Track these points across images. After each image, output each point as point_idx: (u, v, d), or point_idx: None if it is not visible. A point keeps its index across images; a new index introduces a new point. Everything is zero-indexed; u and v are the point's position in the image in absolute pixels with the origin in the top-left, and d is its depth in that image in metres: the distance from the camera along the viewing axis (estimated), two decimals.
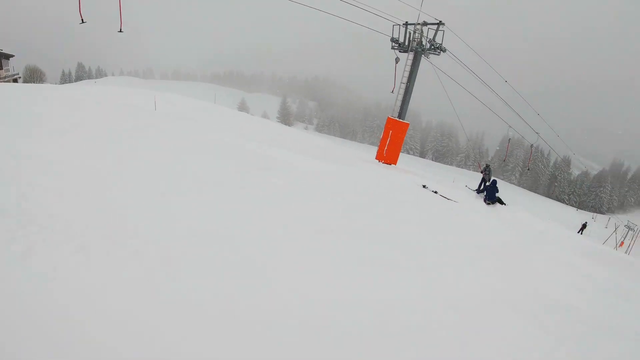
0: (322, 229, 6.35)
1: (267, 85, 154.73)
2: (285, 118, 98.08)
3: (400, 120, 20.54)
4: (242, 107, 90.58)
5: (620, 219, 59.63)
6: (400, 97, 20.78)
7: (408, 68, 20.52)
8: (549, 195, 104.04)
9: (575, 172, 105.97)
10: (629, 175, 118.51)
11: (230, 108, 41.26)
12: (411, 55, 20.19)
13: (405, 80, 20.71)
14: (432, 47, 19.72)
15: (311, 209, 7.22)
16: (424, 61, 19.92)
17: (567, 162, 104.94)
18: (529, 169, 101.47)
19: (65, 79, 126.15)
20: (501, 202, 17.04)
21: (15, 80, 36.60)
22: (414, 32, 19.70)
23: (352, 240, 6.23)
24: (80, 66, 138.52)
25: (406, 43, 19.95)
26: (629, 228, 43.07)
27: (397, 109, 20.92)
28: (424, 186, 13.74)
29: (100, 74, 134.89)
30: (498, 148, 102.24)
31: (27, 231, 4.05)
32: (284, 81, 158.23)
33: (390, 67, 19.04)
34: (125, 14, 13.26)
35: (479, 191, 18.65)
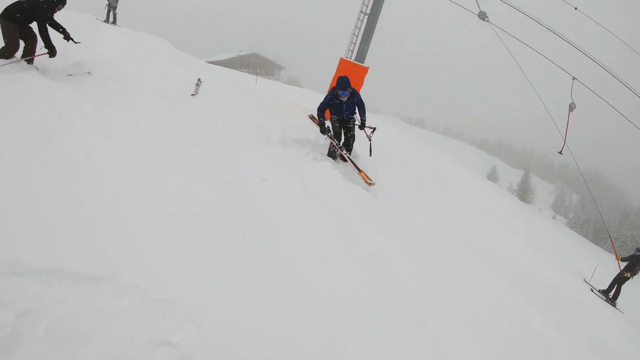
0: None
1: (537, 166, 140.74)
2: (524, 194, 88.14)
3: (358, 63, 15.06)
4: (492, 176, 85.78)
5: None
6: (360, 34, 15.41)
7: None
8: None
9: None
10: None
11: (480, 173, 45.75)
12: None
13: (367, 10, 15.38)
14: None
15: None
16: None
17: None
18: None
19: None
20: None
21: None
22: None
23: None
24: None
25: None
26: None
27: (355, 48, 15.46)
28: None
29: None
30: None
31: None
32: (553, 167, 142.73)
33: None
34: None
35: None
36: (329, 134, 8.21)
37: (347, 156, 8.08)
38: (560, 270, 11.35)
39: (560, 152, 12.94)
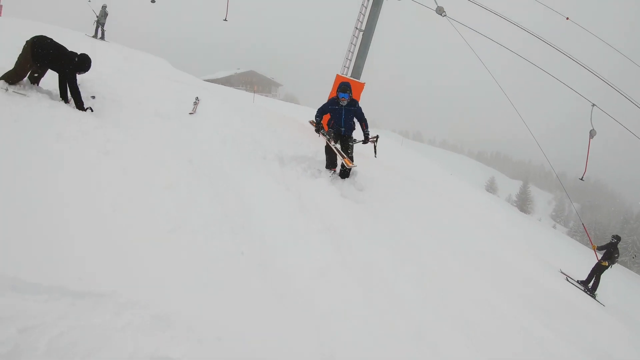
0: None
1: (536, 176, 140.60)
2: (523, 204, 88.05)
3: (354, 79, 15.17)
4: (491, 187, 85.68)
5: None
6: (356, 50, 15.52)
7: (366, 10, 15.49)
8: None
9: None
10: None
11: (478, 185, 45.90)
12: None
13: (362, 26, 15.54)
14: None
15: None
16: None
17: None
18: None
19: None
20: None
21: None
22: None
23: None
24: None
25: None
26: None
27: (351, 64, 15.60)
28: None
29: None
30: None
31: None
32: (551, 176, 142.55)
33: None
34: None
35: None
36: (322, 131, 8.14)
37: (334, 146, 8.00)
38: (559, 276, 11.35)
39: (581, 179, 12.98)
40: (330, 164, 8.20)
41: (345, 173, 8.13)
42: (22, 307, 3.41)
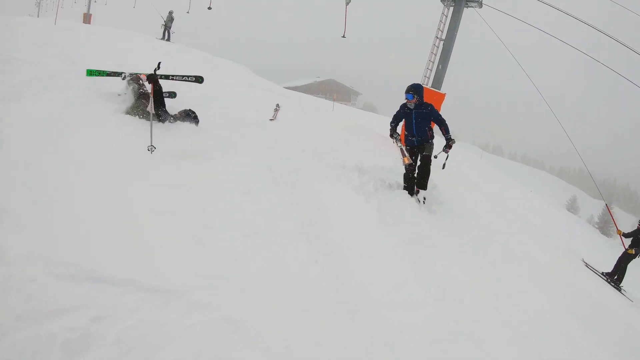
0: None
1: (620, 197, 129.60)
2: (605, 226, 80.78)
3: (434, 90, 15.11)
4: (572, 207, 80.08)
5: None
6: (437, 59, 15.50)
7: (446, 20, 15.45)
8: None
9: None
10: None
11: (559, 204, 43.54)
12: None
13: (442, 35, 15.51)
14: None
15: None
16: None
17: None
18: None
19: None
20: None
21: None
22: None
23: None
24: None
25: None
26: None
27: (432, 74, 15.54)
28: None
29: None
30: None
31: None
32: (637, 196, 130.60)
33: None
34: None
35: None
36: (395, 136, 7.44)
37: (396, 143, 7.43)
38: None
39: None
40: (409, 187, 7.56)
41: (421, 184, 7.48)
42: (97, 297, 3.55)
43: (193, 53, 16.40)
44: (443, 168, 7.58)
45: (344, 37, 15.10)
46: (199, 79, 7.18)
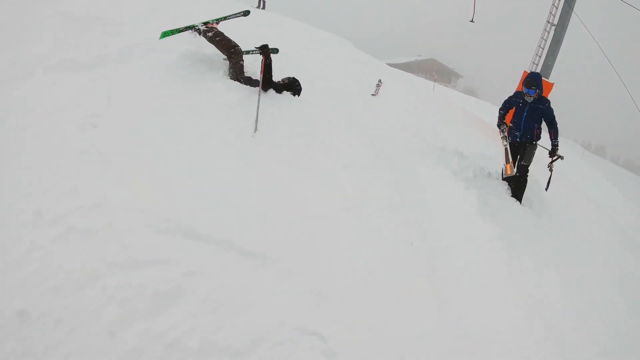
0: None
1: None
2: None
3: (542, 78, 14.35)
4: None
5: None
6: (547, 46, 14.74)
7: (559, 3, 14.51)
8: None
9: None
10: None
11: None
12: None
13: (554, 20, 14.66)
14: None
15: None
16: None
17: None
18: None
19: None
20: None
21: None
22: None
23: None
24: None
25: None
26: None
27: (540, 61, 14.79)
28: None
29: None
30: None
31: None
32: None
33: None
34: None
35: None
36: (502, 127, 6.93)
37: (502, 140, 6.91)
38: None
39: None
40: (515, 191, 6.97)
41: (517, 197, 6.94)
42: (190, 253, 3.63)
43: (293, 23, 16.52)
44: (546, 189, 7.07)
45: (472, 21, 14.48)
46: (245, 13, 6.97)
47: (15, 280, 3.27)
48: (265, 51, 6.39)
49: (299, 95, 6.81)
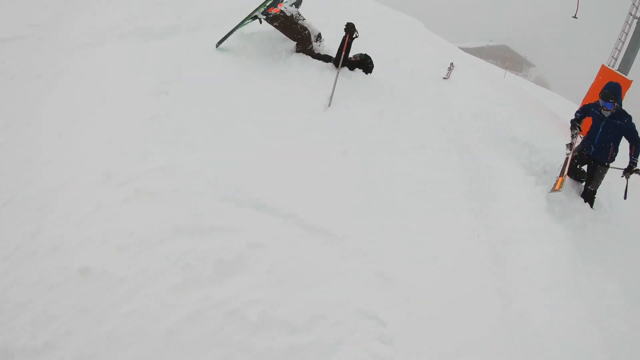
0: None
1: None
2: None
3: (620, 74, 13.31)
4: None
5: None
6: (627, 40, 13.63)
7: None
8: None
9: None
10: None
11: None
12: None
13: (637, 13, 13.53)
14: None
15: None
16: None
17: None
18: None
19: None
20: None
21: None
22: None
23: None
24: None
25: None
26: None
27: (620, 55, 13.75)
28: None
29: None
30: None
31: None
32: None
33: None
34: None
35: None
36: (574, 132, 6.24)
37: (568, 152, 6.19)
38: None
39: None
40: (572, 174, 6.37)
41: (588, 196, 6.31)
42: (257, 224, 3.64)
43: (361, 1, 16.23)
44: (625, 198, 6.14)
45: (575, 17, 13.68)
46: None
47: (81, 238, 3.40)
48: (351, 30, 6.33)
49: (370, 72, 6.69)
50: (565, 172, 6.02)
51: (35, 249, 3.33)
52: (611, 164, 6.06)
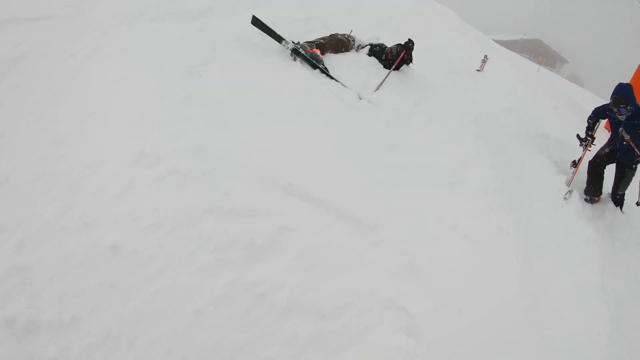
0: None
1: None
2: None
3: None
4: None
5: None
6: None
7: None
8: None
9: None
10: None
11: None
12: None
13: None
14: None
15: None
16: None
17: None
18: None
19: None
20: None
21: None
22: None
23: None
24: None
25: None
26: None
27: None
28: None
29: None
30: None
31: None
32: None
33: None
34: None
35: None
36: (584, 144, 6.09)
37: (585, 148, 6.07)
38: None
39: None
40: (592, 190, 5.91)
41: (618, 201, 6.03)
42: (288, 209, 3.62)
43: None
44: (638, 205, 5.71)
45: None
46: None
47: (111, 216, 3.41)
48: (408, 47, 6.54)
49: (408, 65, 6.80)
50: (581, 159, 6.09)
51: (66, 225, 3.34)
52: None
